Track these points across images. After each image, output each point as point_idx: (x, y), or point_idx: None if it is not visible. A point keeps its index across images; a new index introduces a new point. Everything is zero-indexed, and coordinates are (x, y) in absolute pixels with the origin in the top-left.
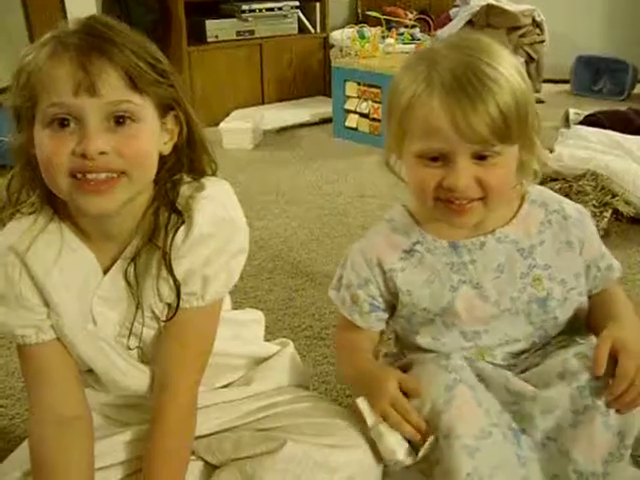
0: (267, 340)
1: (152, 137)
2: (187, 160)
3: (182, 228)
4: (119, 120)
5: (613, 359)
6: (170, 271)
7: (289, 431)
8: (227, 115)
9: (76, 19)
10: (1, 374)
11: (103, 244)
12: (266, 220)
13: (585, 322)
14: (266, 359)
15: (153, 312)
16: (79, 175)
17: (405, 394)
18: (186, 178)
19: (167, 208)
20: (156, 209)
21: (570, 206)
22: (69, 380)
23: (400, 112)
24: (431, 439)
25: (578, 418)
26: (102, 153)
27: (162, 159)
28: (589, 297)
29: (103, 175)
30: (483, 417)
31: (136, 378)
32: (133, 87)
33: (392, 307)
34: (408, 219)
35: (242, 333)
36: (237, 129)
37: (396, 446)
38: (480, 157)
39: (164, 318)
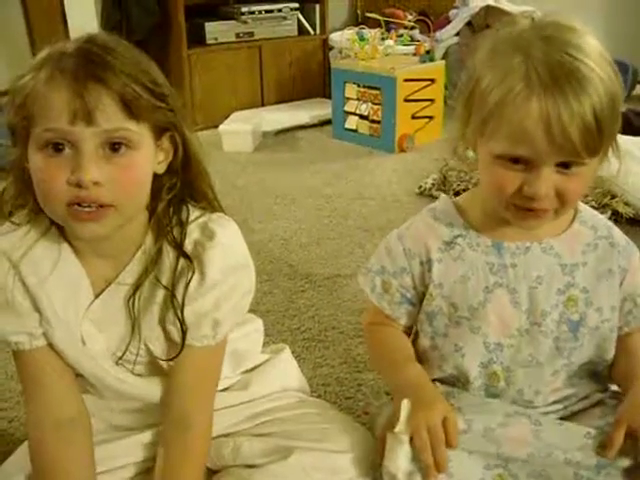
0: (266, 342)
1: (147, 164)
2: (183, 183)
3: (194, 277)
4: (114, 146)
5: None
6: (179, 317)
7: (287, 437)
8: (226, 117)
9: (75, 38)
10: (0, 377)
11: (96, 263)
12: (265, 222)
13: (610, 369)
14: (262, 364)
15: (147, 347)
16: (72, 205)
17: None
18: (194, 212)
19: (172, 247)
20: (160, 247)
21: (619, 235)
22: (65, 383)
23: (489, 109)
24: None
25: None
26: (96, 183)
27: (159, 180)
28: (618, 338)
29: (94, 207)
30: None
31: (134, 386)
32: (130, 114)
33: (421, 302)
34: (453, 211)
35: (238, 346)
36: (237, 131)
37: (404, 463)
38: (564, 166)
39: (164, 356)
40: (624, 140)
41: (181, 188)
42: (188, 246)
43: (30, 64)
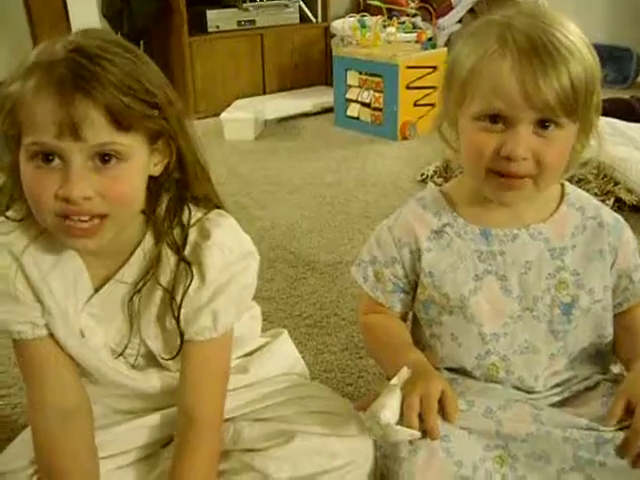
0: (268, 329)
1: (139, 174)
2: (182, 184)
3: (194, 280)
4: (105, 158)
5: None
6: (176, 320)
7: (288, 421)
8: (228, 105)
9: (66, 40)
10: (3, 364)
11: (95, 260)
12: (267, 210)
13: (613, 344)
14: (260, 347)
15: (146, 344)
16: (62, 217)
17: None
18: (196, 214)
19: (173, 252)
20: (160, 250)
21: (608, 213)
22: (67, 372)
23: (466, 72)
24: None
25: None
26: (86, 198)
27: (157, 181)
28: (617, 315)
29: (86, 218)
30: (451, 469)
31: (133, 379)
32: (118, 127)
33: (415, 290)
34: (441, 200)
35: (235, 332)
36: (238, 119)
37: (390, 410)
38: (542, 125)
39: (163, 353)
40: (628, 127)
41: (181, 189)
42: (187, 248)
43: (20, 66)
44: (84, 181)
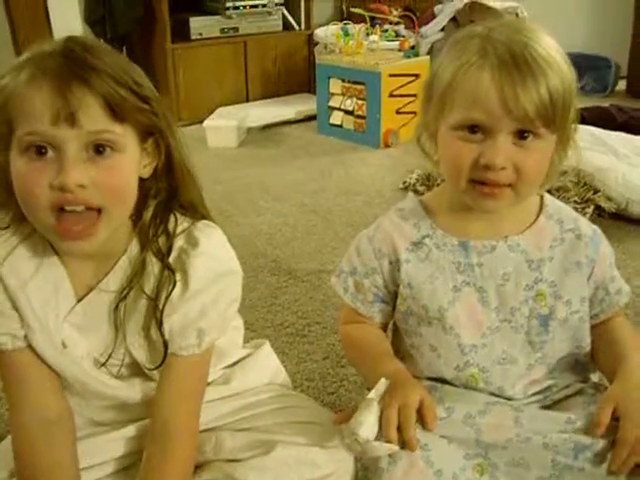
0: (250, 338)
1: (132, 167)
2: (169, 190)
3: (178, 286)
4: (99, 149)
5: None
6: (160, 330)
7: (269, 431)
8: (211, 113)
9: (56, 40)
10: None
11: (79, 267)
12: (250, 218)
13: (591, 354)
14: (243, 358)
15: (130, 353)
16: (58, 209)
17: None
18: (182, 223)
19: (158, 259)
20: (145, 257)
21: (585, 225)
22: (48, 383)
23: (446, 82)
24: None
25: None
26: (81, 186)
27: (145, 185)
28: (594, 325)
29: (80, 208)
30: (431, 478)
31: (115, 389)
32: (114, 116)
33: (395, 300)
34: (420, 211)
35: (217, 343)
36: (221, 127)
37: (369, 427)
38: (521, 136)
39: (148, 363)
40: (608, 135)
41: (168, 197)
42: (173, 254)
43: (10, 66)
44: (79, 169)
